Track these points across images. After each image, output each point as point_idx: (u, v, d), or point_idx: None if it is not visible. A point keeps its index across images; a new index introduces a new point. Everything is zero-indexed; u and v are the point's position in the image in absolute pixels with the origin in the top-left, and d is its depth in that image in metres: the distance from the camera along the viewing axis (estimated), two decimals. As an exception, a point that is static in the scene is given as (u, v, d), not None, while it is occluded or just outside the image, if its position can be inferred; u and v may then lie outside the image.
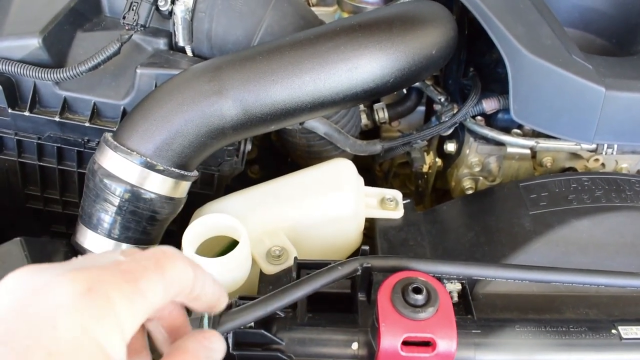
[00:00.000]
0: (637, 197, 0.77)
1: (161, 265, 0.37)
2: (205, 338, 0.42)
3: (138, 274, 0.36)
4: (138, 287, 0.35)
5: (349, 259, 0.63)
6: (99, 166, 0.69)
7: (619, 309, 0.68)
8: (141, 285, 0.35)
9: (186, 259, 0.40)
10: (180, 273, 0.38)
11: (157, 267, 0.37)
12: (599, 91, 0.79)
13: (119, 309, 0.34)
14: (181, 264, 0.38)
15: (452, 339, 0.55)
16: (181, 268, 0.38)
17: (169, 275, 0.37)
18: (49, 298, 0.33)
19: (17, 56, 0.80)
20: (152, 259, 0.37)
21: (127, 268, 0.36)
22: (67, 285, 0.33)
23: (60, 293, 0.33)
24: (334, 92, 0.72)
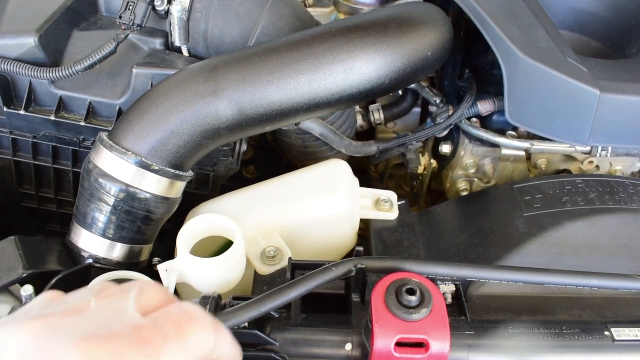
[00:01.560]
0: (631, 199, 0.77)
1: (183, 331, 0.34)
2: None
3: (158, 345, 0.32)
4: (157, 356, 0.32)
5: (343, 260, 0.63)
6: (94, 165, 0.69)
7: (612, 310, 0.69)
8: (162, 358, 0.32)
9: (209, 321, 0.36)
10: (201, 339, 0.35)
11: (178, 335, 0.33)
12: (594, 93, 0.79)
13: None
14: (204, 328, 0.35)
15: (445, 340, 0.55)
16: (203, 334, 0.35)
17: (190, 344, 0.34)
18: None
19: (13, 54, 0.79)
20: (174, 324, 0.34)
21: (146, 337, 0.32)
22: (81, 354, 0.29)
23: None
24: (329, 93, 0.72)
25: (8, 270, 0.66)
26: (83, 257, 0.71)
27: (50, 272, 0.68)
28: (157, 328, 0.32)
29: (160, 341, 0.32)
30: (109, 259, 0.71)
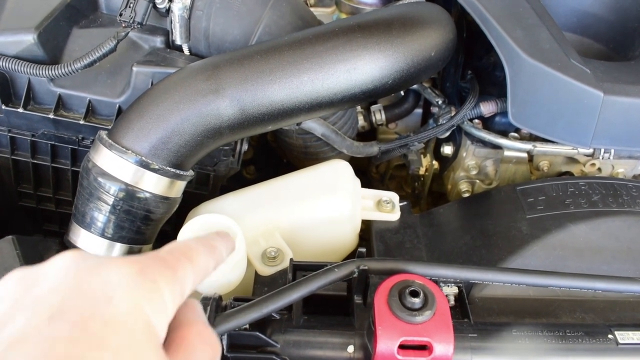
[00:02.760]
0: (634, 202, 0.77)
1: (190, 256, 0.42)
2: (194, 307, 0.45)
3: (174, 264, 0.40)
4: (176, 276, 0.40)
5: (346, 261, 0.62)
6: (93, 164, 0.68)
7: (615, 314, 0.68)
8: (178, 273, 0.40)
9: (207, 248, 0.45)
10: (205, 263, 0.44)
11: (188, 258, 0.42)
12: (597, 95, 0.78)
13: (164, 293, 0.38)
14: (204, 254, 0.44)
15: (449, 343, 0.55)
16: (204, 258, 0.44)
17: (197, 265, 0.42)
18: (103, 276, 0.36)
19: (12, 52, 0.79)
20: (183, 250, 0.42)
21: (165, 257, 0.40)
22: (121, 267, 0.37)
23: (115, 272, 0.37)
24: (332, 93, 0.71)
25: (5, 270, 0.63)
26: (82, 257, 0.70)
27: (48, 272, 0.67)
28: (171, 253, 0.41)
29: (175, 261, 0.41)
30: (108, 259, 0.70)
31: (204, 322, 0.43)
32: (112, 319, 0.35)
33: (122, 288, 0.36)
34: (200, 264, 0.43)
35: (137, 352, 0.35)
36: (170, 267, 0.40)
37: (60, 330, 0.33)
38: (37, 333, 0.33)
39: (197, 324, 0.42)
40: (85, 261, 0.38)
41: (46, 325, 0.34)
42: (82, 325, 0.34)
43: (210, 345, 0.42)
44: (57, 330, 0.33)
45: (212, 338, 0.42)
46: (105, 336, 0.34)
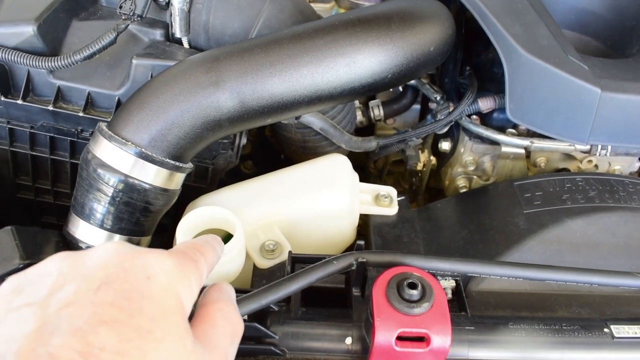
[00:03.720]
0: (631, 198, 0.77)
1: (203, 252, 0.49)
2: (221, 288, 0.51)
3: (195, 257, 0.47)
4: (197, 266, 0.47)
5: (344, 254, 0.62)
6: (92, 156, 0.68)
7: (611, 308, 0.69)
8: (198, 264, 0.47)
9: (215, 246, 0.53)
10: (212, 258, 0.51)
11: (202, 254, 0.48)
12: (595, 92, 0.79)
13: (190, 278, 0.45)
14: (210, 252, 0.51)
15: (446, 335, 0.55)
16: (213, 254, 0.51)
17: (208, 260, 0.49)
18: (143, 259, 0.43)
19: (11, 43, 0.78)
20: (197, 247, 0.49)
21: (187, 252, 0.47)
22: (158, 254, 0.44)
23: (153, 257, 0.43)
24: (332, 86, 0.71)
25: (4, 261, 0.65)
26: (81, 249, 0.70)
27: (47, 263, 0.67)
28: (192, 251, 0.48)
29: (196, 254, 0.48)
30: (107, 251, 0.70)
31: (227, 300, 0.49)
32: (150, 293, 0.40)
33: (159, 269, 0.43)
34: (210, 260, 0.50)
35: (169, 321, 0.40)
36: (192, 259, 0.47)
37: (106, 297, 0.39)
38: (86, 298, 0.38)
39: (220, 302, 0.48)
40: (125, 247, 0.44)
41: (94, 293, 0.39)
42: (125, 295, 0.39)
43: (231, 321, 0.47)
44: (103, 297, 0.39)
45: (233, 315, 0.48)
46: (144, 306, 0.39)
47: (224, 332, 0.46)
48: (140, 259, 0.43)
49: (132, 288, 0.40)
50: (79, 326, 0.36)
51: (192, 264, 0.46)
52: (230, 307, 0.48)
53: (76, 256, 0.43)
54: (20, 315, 0.38)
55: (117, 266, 0.41)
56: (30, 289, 0.40)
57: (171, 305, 0.41)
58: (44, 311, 0.38)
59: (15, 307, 0.39)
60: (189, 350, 0.41)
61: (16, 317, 0.38)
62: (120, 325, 0.37)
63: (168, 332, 0.40)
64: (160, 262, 0.43)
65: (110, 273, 0.41)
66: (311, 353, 0.61)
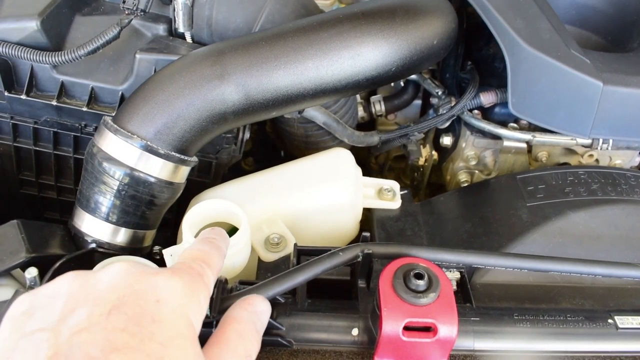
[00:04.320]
0: (633, 191, 0.78)
1: (209, 262, 0.49)
2: (249, 303, 0.52)
3: (202, 272, 0.47)
4: (204, 281, 0.47)
5: (350, 245, 0.63)
6: (98, 149, 0.68)
7: (614, 300, 0.69)
8: (205, 279, 0.47)
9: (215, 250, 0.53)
10: (218, 263, 0.51)
11: (208, 264, 0.49)
12: (597, 85, 0.79)
13: (199, 297, 0.45)
14: (216, 257, 0.52)
15: (453, 325, 0.55)
16: (217, 260, 0.52)
17: (214, 268, 0.50)
18: (152, 281, 0.43)
19: (15, 38, 0.79)
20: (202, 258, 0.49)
21: (193, 266, 0.47)
22: (167, 275, 0.44)
23: (162, 279, 0.43)
24: (336, 79, 0.72)
25: (11, 254, 0.65)
26: (86, 242, 0.71)
27: (53, 257, 0.67)
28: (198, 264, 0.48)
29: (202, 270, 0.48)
30: (112, 244, 0.71)
31: (247, 319, 0.50)
32: (160, 316, 0.41)
33: (168, 291, 0.43)
34: (216, 267, 0.51)
35: (179, 346, 0.41)
36: (200, 275, 0.47)
37: (118, 323, 0.39)
38: (99, 324, 0.38)
39: (239, 322, 0.49)
40: (135, 268, 0.44)
41: (105, 318, 0.39)
42: (136, 319, 0.40)
43: (246, 342, 0.48)
44: (115, 322, 0.39)
45: (249, 335, 0.49)
46: (154, 331, 0.40)
47: (236, 353, 0.46)
48: (150, 281, 0.43)
49: (143, 312, 0.40)
50: (93, 354, 0.37)
51: (200, 281, 0.47)
52: (248, 326, 0.49)
53: (87, 277, 0.43)
54: (33, 342, 0.38)
55: (127, 288, 0.42)
56: (42, 312, 0.40)
57: (181, 329, 0.42)
58: (57, 338, 0.38)
59: (28, 332, 0.39)
60: None
61: (29, 344, 0.38)
62: (132, 352, 0.38)
63: (179, 357, 0.40)
64: (169, 284, 0.43)
65: (120, 296, 0.41)
66: (318, 344, 0.61)
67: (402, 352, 0.57)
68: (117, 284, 0.42)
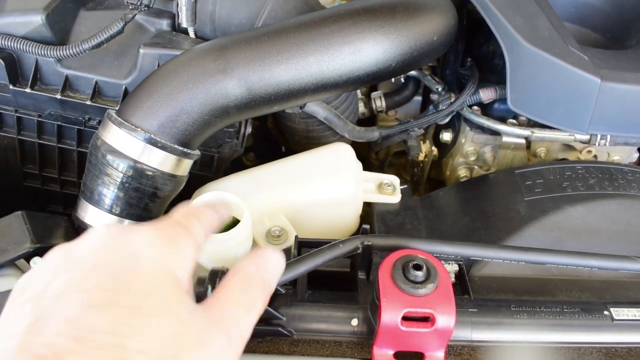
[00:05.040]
0: (630, 186, 0.79)
1: (197, 215, 0.48)
2: (257, 255, 0.50)
3: (186, 223, 0.47)
4: (189, 232, 0.46)
5: (351, 237, 0.64)
6: (102, 142, 0.69)
7: (610, 293, 0.70)
8: (190, 230, 0.46)
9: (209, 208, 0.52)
10: (210, 218, 0.50)
11: (196, 217, 0.48)
12: (595, 82, 0.80)
13: (181, 247, 0.44)
14: (209, 213, 0.51)
15: (451, 315, 0.56)
16: (209, 215, 0.50)
17: (204, 221, 0.49)
18: (129, 238, 0.43)
19: (20, 32, 0.79)
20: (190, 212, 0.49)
21: (178, 219, 0.47)
22: (143, 230, 0.44)
23: (139, 234, 0.43)
24: (337, 74, 0.73)
25: (16, 245, 0.66)
26: (90, 234, 0.72)
27: (57, 247, 0.68)
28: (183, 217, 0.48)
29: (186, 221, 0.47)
30: (116, 236, 0.71)
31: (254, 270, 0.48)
32: (138, 269, 0.41)
33: (145, 244, 0.43)
34: (207, 220, 0.50)
35: (159, 295, 0.40)
36: (183, 226, 0.46)
37: (94, 282, 0.40)
38: (76, 285, 0.40)
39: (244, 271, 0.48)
40: (114, 229, 0.44)
41: (84, 280, 0.40)
42: (112, 276, 0.40)
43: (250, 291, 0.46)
44: (92, 282, 0.40)
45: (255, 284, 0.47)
46: (131, 283, 0.40)
47: (237, 302, 0.45)
48: (127, 237, 0.43)
49: (119, 268, 0.41)
50: (70, 314, 0.38)
51: (183, 231, 0.46)
52: (254, 276, 0.48)
53: (69, 246, 0.44)
54: (19, 312, 0.39)
55: (104, 248, 0.42)
56: (32, 286, 0.41)
57: (161, 279, 0.41)
58: (39, 304, 0.39)
59: (16, 305, 0.40)
60: (185, 322, 0.40)
61: (16, 314, 0.40)
62: (109, 306, 0.38)
63: (159, 307, 0.40)
64: (146, 237, 0.43)
65: (98, 257, 0.42)
66: (318, 334, 0.62)
67: (401, 341, 0.58)
68: (95, 247, 0.43)
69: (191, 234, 0.46)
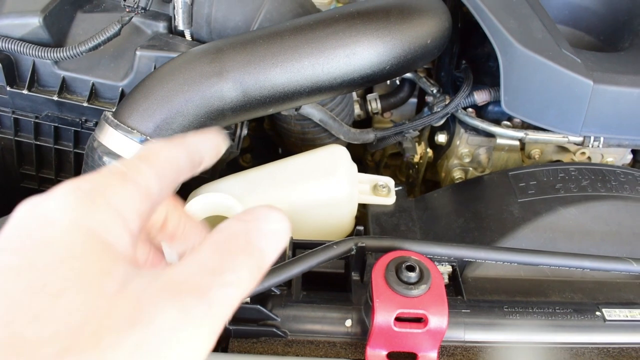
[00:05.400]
0: (622, 187, 0.79)
1: (145, 156, 0.36)
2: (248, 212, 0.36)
3: (124, 169, 0.35)
4: (129, 179, 0.34)
5: (344, 239, 0.64)
6: (98, 144, 0.70)
7: (602, 294, 0.70)
8: (131, 177, 0.34)
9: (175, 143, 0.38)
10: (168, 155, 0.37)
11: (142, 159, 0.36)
12: (587, 84, 0.81)
13: (113, 200, 0.33)
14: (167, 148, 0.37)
15: (443, 316, 0.57)
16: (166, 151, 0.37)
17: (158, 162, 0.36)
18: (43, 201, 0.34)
19: (17, 34, 0.80)
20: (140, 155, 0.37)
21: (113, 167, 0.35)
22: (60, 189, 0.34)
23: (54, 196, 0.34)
24: (331, 77, 0.73)
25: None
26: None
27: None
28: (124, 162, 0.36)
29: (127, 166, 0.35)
30: (112, 236, 0.72)
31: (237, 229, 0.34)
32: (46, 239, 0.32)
33: (59, 206, 0.33)
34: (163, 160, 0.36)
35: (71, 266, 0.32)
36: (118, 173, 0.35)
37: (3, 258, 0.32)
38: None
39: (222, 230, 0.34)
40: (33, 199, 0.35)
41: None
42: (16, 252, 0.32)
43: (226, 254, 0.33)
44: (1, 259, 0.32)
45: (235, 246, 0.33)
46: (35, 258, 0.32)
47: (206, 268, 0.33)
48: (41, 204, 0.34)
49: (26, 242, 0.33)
50: None
51: (116, 180, 0.34)
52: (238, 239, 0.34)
53: None
54: None
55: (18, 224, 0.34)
56: None
57: (76, 246, 0.32)
58: None
59: None
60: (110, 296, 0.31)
61: None
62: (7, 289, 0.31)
63: (71, 280, 0.32)
64: (61, 198, 0.34)
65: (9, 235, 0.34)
66: (312, 335, 0.62)
67: (394, 342, 0.59)
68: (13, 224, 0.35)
69: (131, 181, 0.35)
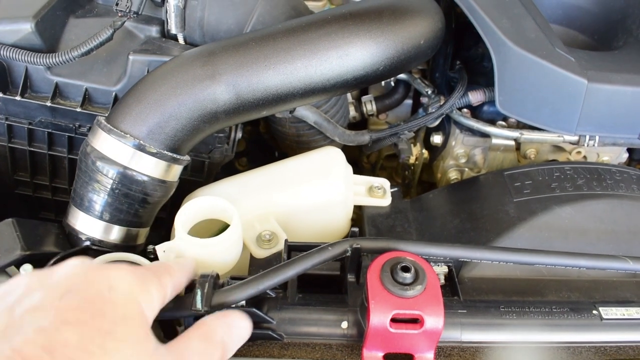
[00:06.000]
0: (617, 186, 0.79)
1: (169, 271, 0.54)
2: (224, 314, 0.55)
3: (159, 274, 0.52)
4: (160, 282, 0.51)
5: (339, 240, 0.64)
6: (92, 148, 0.70)
7: (599, 292, 0.70)
8: (162, 281, 0.52)
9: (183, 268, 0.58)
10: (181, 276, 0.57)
11: (168, 273, 0.54)
12: (582, 83, 0.81)
13: (152, 291, 0.49)
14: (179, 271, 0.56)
15: (439, 316, 0.56)
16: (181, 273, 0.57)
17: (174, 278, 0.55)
18: (106, 272, 0.47)
19: (9, 40, 0.80)
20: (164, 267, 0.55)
21: (152, 268, 0.52)
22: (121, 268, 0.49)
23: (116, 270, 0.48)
24: (325, 79, 0.73)
25: (6, 252, 0.66)
26: (80, 240, 0.72)
27: (47, 254, 0.68)
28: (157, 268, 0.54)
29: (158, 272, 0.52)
30: (106, 242, 0.72)
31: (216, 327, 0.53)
32: (112, 299, 0.45)
33: (121, 280, 0.47)
34: (176, 277, 0.55)
35: (129, 325, 0.44)
36: (155, 274, 0.51)
37: (70, 302, 0.43)
38: (51, 303, 0.42)
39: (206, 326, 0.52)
40: (89, 261, 0.49)
41: (58, 300, 0.43)
42: (88, 300, 0.44)
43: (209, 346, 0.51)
44: (68, 302, 0.43)
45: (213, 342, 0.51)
46: (106, 310, 0.43)
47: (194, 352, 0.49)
48: (104, 271, 0.47)
49: (96, 294, 0.44)
50: (43, 326, 0.40)
51: (154, 278, 0.51)
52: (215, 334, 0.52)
53: (43, 271, 0.47)
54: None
55: (82, 276, 0.46)
56: (5, 299, 0.44)
57: (132, 312, 0.45)
58: (10, 315, 0.42)
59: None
60: (150, 353, 0.45)
61: None
62: (83, 326, 0.41)
63: (129, 335, 0.44)
64: (123, 274, 0.48)
65: (75, 282, 0.45)
66: (308, 337, 0.62)
67: (390, 343, 0.59)
68: (72, 273, 0.46)
69: (160, 283, 0.51)
